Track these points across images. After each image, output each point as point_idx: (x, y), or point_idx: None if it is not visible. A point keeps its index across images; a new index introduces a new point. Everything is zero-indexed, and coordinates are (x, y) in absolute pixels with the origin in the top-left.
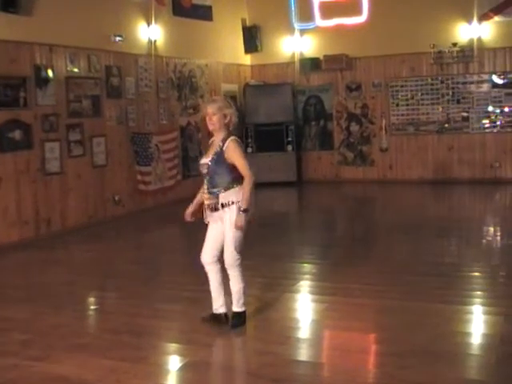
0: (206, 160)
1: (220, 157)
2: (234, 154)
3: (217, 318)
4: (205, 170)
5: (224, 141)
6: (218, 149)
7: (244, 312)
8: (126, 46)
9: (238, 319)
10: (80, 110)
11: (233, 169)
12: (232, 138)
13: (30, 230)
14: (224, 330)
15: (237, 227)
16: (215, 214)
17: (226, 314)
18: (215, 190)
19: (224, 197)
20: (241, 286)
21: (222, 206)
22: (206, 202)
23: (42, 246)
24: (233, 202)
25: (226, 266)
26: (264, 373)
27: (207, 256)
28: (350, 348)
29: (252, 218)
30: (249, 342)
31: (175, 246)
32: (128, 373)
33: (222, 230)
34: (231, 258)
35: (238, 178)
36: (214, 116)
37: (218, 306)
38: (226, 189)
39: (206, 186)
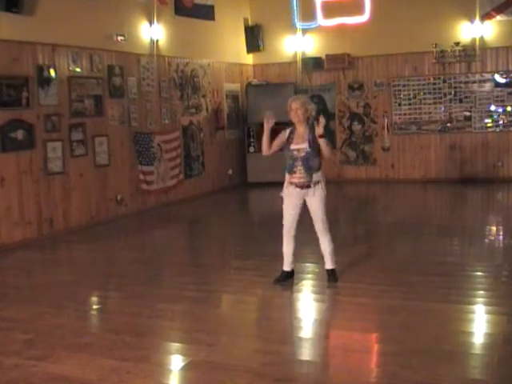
0: (302, 145)
1: (314, 142)
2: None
3: (289, 274)
4: (302, 154)
5: (312, 129)
6: (311, 136)
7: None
8: (128, 45)
9: (335, 273)
10: (82, 110)
11: (319, 153)
12: None
13: (32, 230)
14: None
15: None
16: (303, 191)
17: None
18: (310, 171)
19: (316, 177)
20: (332, 247)
21: (314, 184)
22: (298, 181)
23: (45, 246)
24: (319, 182)
25: (319, 232)
26: (266, 372)
27: (292, 229)
28: (352, 347)
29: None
30: (251, 341)
31: (177, 246)
32: (130, 372)
33: (302, 205)
34: (322, 225)
35: (321, 163)
36: (298, 110)
37: (291, 265)
38: (317, 170)
39: (300, 168)
